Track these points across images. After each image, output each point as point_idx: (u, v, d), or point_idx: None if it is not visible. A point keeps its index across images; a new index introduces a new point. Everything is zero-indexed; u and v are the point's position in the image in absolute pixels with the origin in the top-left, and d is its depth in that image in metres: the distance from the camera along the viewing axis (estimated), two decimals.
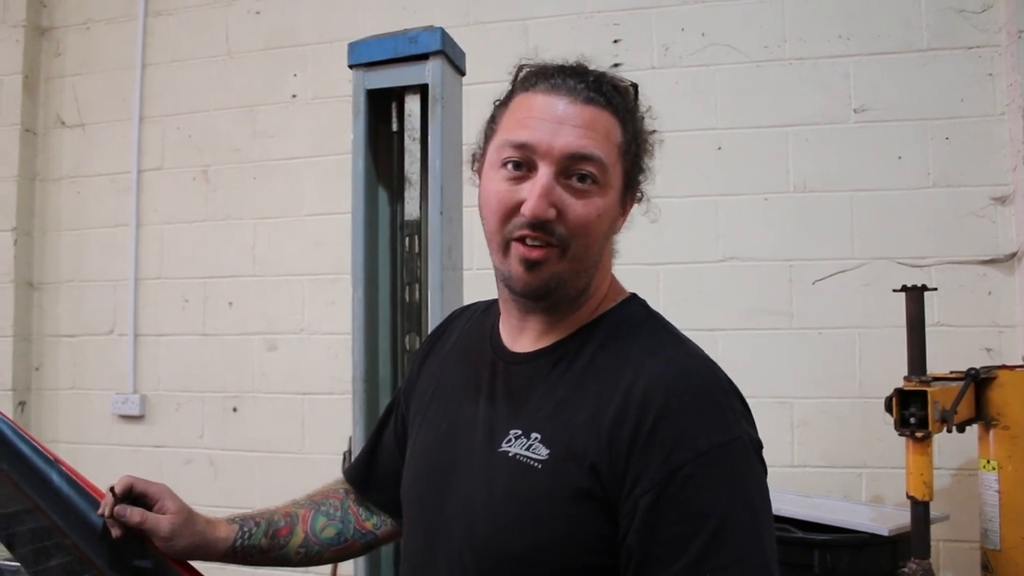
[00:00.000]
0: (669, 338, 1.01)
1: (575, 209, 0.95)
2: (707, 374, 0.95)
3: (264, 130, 3.19)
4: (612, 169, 0.98)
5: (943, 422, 1.86)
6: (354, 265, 1.97)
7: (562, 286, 0.99)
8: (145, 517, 1.08)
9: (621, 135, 0.99)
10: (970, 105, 2.54)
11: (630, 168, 1.01)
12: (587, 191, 0.96)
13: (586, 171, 0.95)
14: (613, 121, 0.99)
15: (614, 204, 0.99)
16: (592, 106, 0.97)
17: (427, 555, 1.04)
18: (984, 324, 2.49)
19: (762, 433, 0.96)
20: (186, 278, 3.24)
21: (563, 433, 0.94)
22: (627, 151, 1.00)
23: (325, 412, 3.01)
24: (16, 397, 3.32)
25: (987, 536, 2.03)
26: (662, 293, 2.70)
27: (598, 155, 0.96)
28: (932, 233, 2.54)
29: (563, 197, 0.95)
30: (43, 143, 3.46)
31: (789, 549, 1.98)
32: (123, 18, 3.40)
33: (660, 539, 0.87)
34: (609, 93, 0.99)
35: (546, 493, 0.93)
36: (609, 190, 0.98)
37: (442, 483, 1.04)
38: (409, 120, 1.96)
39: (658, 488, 0.87)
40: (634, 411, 0.90)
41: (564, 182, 0.96)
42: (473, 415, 1.04)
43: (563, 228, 0.95)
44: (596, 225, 0.97)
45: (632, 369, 0.94)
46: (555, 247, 0.96)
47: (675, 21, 2.79)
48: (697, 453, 0.87)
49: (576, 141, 0.95)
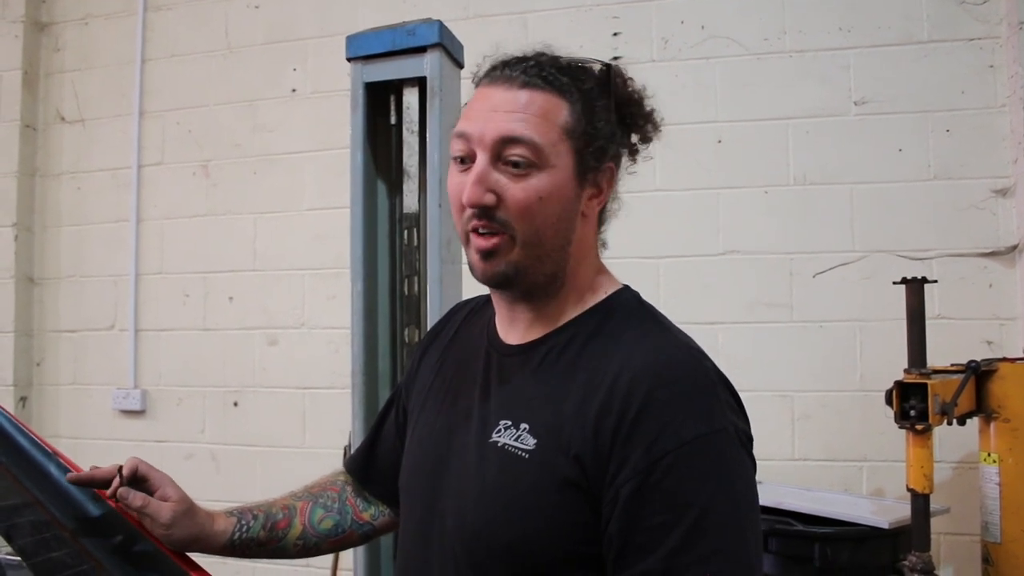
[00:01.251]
0: (658, 328, 1.00)
1: (513, 193, 0.95)
2: (694, 364, 0.94)
3: (264, 124, 3.19)
4: (552, 149, 0.96)
5: (943, 415, 1.86)
6: (353, 258, 1.97)
7: (523, 273, 0.98)
8: (147, 502, 1.08)
9: (568, 114, 0.97)
10: (971, 97, 2.53)
11: (584, 146, 0.98)
12: (524, 174, 0.95)
13: (518, 154, 0.95)
14: (556, 101, 0.97)
15: (560, 185, 0.97)
16: (528, 89, 0.97)
17: (422, 545, 1.04)
18: (985, 317, 2.49)
19: (763, 426, 0.96)
20: (186, 273, 3.25)
21: (551, 423, 0.94)
22: (576, 129, 0.97)
23: (326, 406, 3.01)
24: (17, 392, 3.33)
25: (988, 529, 2.03)
26: (662, 286, 2.70)
27: (528, 136, 0.95)
28: (933, 225, 2.53)
29: (500, 182, 0.96)
30: (43, 139, 3.46)
31: (790, 542, 1.99)
32: (122, 13, 3.39)
33: (641, 527, 0.87)
34: (551, 75, 0.98)
35: (533, 483, 0.93)
36: (550, 171, 0.96)
37: (437, 474, 1.04)
38: (407, 113, 1.95)
39: (640, 477, 0.87)
40: (619, 401, 0.90)
41: (502, 168, 0.96)
42: (468, 407, 1.05)
43: (505, 213, 0.96)
44: (539, 208, 0.96)
45: (619, 359, 0.94)
46: (504, 234, 0.96)
47: (675, 14, 2.78)
48: (680, 443, 0.87)
49: (505, 125, 0.95)
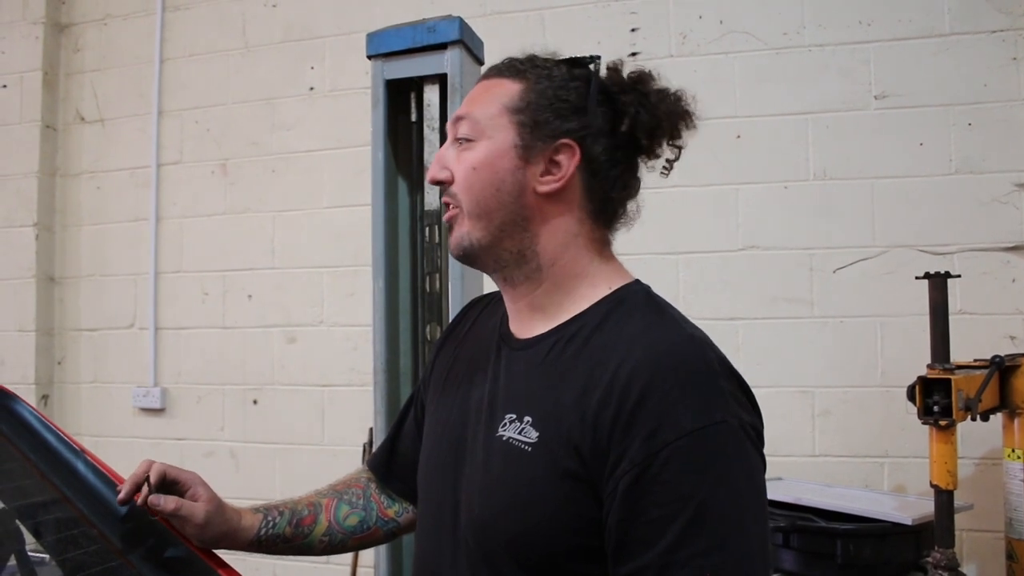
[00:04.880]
0: (662, 320, 0.98)
1: (454, 166, 1.02)
2: (696, 354, 0.92)
3: (282, 123, 3.20)
4: (490, 122, 1.01)
5: (967, 410, 1.85)
6: (374, 256, 1.98)
7: (482, 247, 1.02)
8: (180, 504, 1.07)
9: (517, 94, 1.01)
10: (993, 90, 2.51)
11: (528, 121, 1.00)
12: (465, 148, 1.02)
13: (462, 131, 1.02)
14: (505, 83, 1.03)
15: (495, 155, 1.01)
16: (487, 79, 1.06)
17: (437, 537, 1.04)
18: (1008, 312, 2.46)
19: (783, 422, 0.95)
20: (206, 271, 3.26)
21: (553, 414, 0.94)
22: (519, 106, 1.01)
23: (345, 404, 3.02)
24: (39, 391, 3.36)
25: (1012, 526, 2.01)
26: (681, 282, 2.70)
27: (468, 112, 1.02)
28: (955, 220, 2.51)
29: (451, 157, 1.03)
30: (63, 139, 3.48)
31: (812, 538, 1.98)
32: (141, 13, 3.41)
33: (639, 521, 0.86)
34: (515, 65, 1.04)
35: (535, 476, 0.93)
36: (486, 142, 1.01)
37: (451, 467, 1.05)
38: (428, 110, 1.96)
39: (638, 469, 0.86)
40: (618, 392, 0.89)
41: (456, 145, 1.03)
42: (480, 400, 1.05)
43: (456, 187, 1.02)
44: (474, 177, 1.00)
45: (621, 351, 0.93)
46: (458, 208, 1.02)
47: (693, 9, 2.77)
48: (679, 435, 0.86)
49: (460, 110, 1.04)
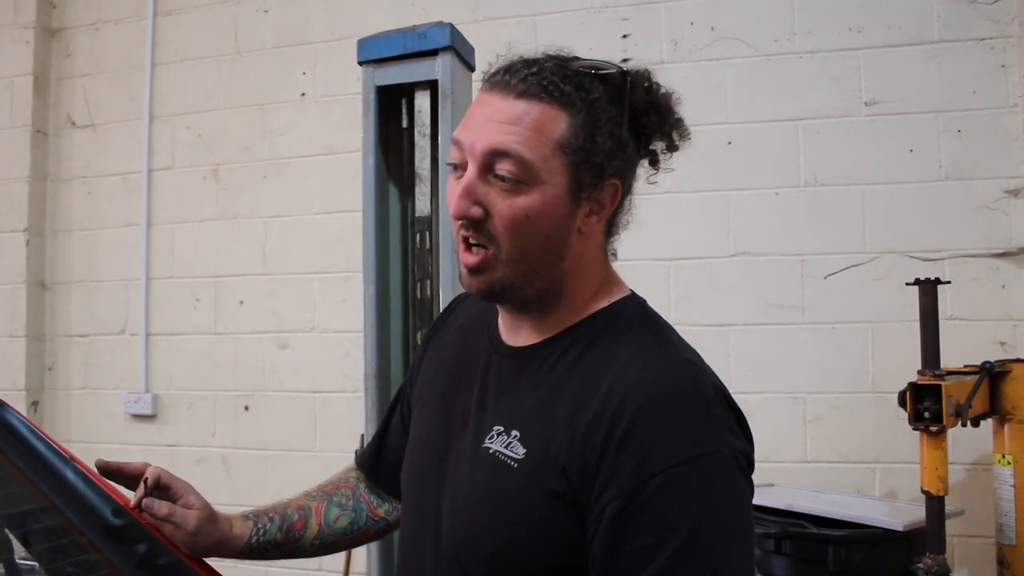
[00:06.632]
0: (659, 340, 0.97)
1: (500, 209, 0.92)
2: (691, 381, 0.91)
3: (274, 128, 3.19)
4: (544, 165, 0.91)
5: (957, 416, 1.85)
6: (365, 262, 1.97)
7: (510, 289, 0.96)
8: (173, 510, 1.06)
9: (566, 127, 0.92)
10: (982, 97, 2.52)
11: (581, 162, 0.93)
12: (512, 190, 0.92)
13: (506, 169, 0.91)
14: (553, 112, 0.92)
15: (551, 203, 0.93)
16: (524, 100, 0.92)
17: (418, 543, 1.04)
18: (998, 318, 2.47)
19: (775, 429, 0.95)
20: (197, 277, 3.25)
21: (541, 432, 0.93)
22: (573, 144, 0.92)
23: (337, 410, 3.02)
24: (29, 397, 3.34)
25: (1003, 531, 2.02)
26: (673, 289, 2.70)
27: (516, 151, 0.91)
28: (945, 226, 2.52)
29: (489, 196, 0.93)
30: (54, 144, 3.47)
31: (803, 545, 1.98)
32: (132, 18, 3.41)
33: (626, 549, 0.85)
34: (552, 84, 0.92)
35: (519, 493, 0.92)
36: (540, 187, 0.92)
37: (432, 474, 1.04)
38: (419, 116, 1.96)
39: (626, 496, 0.85)
40: (609, 415, 0.88)
41: (492, 180, 0.93)
42: (466, 407, 1.03)
43: (492, 227, 0.93)
44: (526, 225, 0.92)
45: (614, 371, 0.91)
46: (490, 249, 0.94)
47: (684, 15, 2.78)
48: (668, 464, 0.85)
49: (495, 138, 0.91)
